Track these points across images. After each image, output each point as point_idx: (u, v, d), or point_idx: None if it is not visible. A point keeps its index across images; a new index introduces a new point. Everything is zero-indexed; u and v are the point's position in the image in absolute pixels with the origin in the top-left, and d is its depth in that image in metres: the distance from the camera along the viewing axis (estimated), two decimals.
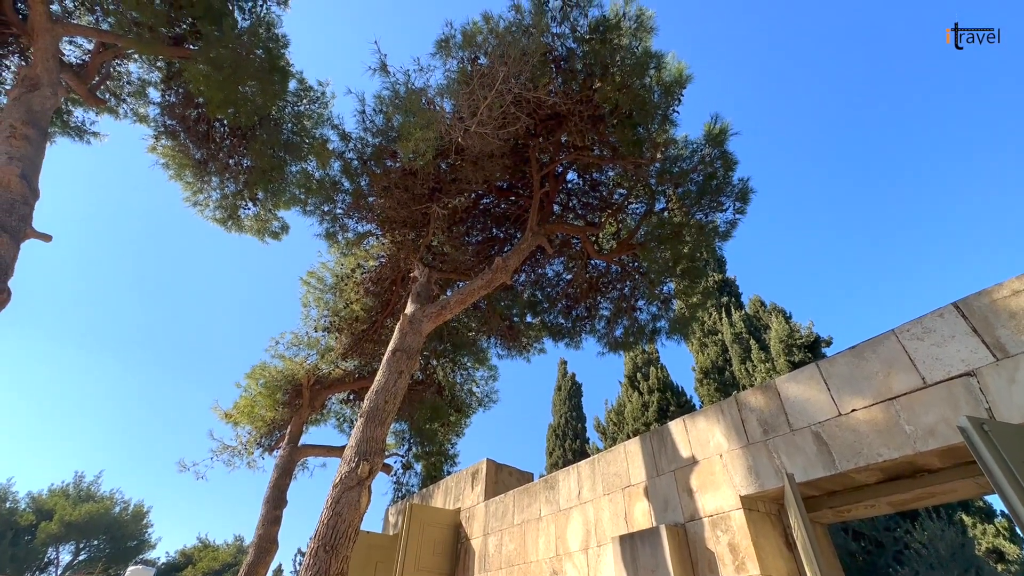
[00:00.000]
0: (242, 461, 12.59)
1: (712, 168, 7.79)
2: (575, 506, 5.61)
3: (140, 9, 8.04)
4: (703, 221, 8.38)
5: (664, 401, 14.41)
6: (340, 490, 4.88)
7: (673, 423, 5.01)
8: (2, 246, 5.38)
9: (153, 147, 10.35)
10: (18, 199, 5.80)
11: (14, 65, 9.58)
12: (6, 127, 6.38)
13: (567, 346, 11.07)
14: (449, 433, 14.30)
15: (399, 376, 5.86)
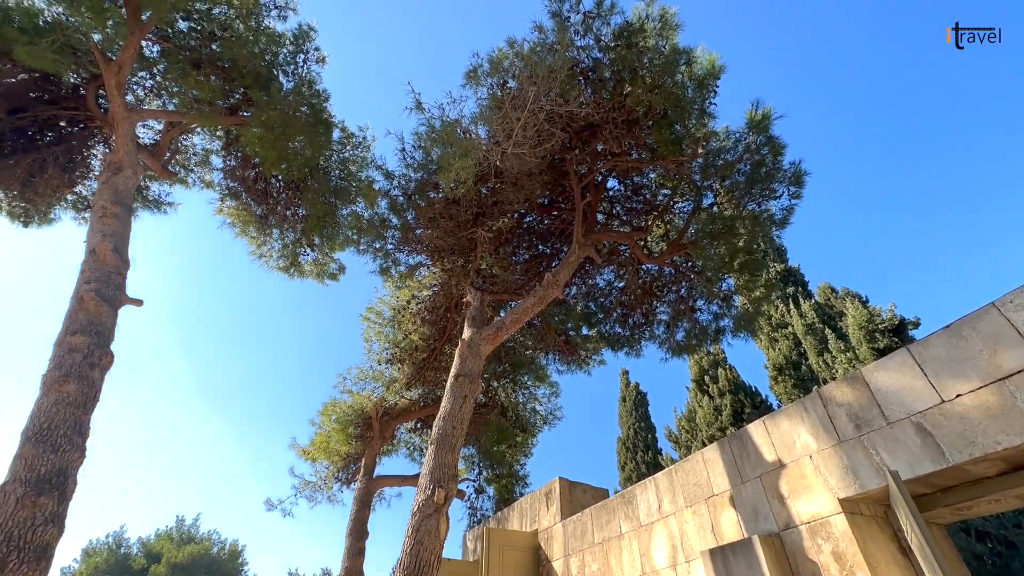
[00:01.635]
0: (323, 496, 13.11)
1: (759, 155, 7.48)
2: (656, 521, 5.39)
3: (199, 87, 8.86)
4: (756, 211, 8.02)
5: (737, 403, 13.66)
6: (419, 519, 4.95)
7: (752, 426, 4.73)
8: (103, 314, 5.99)
9: (220, 209, 11.27)
10: (113, 271, 6.46)
11: (100, 153, 10.77)
12: (98, 208, 7.16)
13: (627, 355, 10.82)
14: (517, 454, 14.24)
15: (464, 401, 5.93)
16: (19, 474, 4.52)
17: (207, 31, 9.02)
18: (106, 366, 5.72)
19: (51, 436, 4.78)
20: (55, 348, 5.53)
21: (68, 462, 4.80)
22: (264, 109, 8.74)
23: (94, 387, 5.42)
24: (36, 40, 7.35)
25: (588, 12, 5.80)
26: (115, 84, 8.03)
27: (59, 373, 5.22)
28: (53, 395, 5.07)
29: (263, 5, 9.06)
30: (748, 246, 8.24)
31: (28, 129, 9.44)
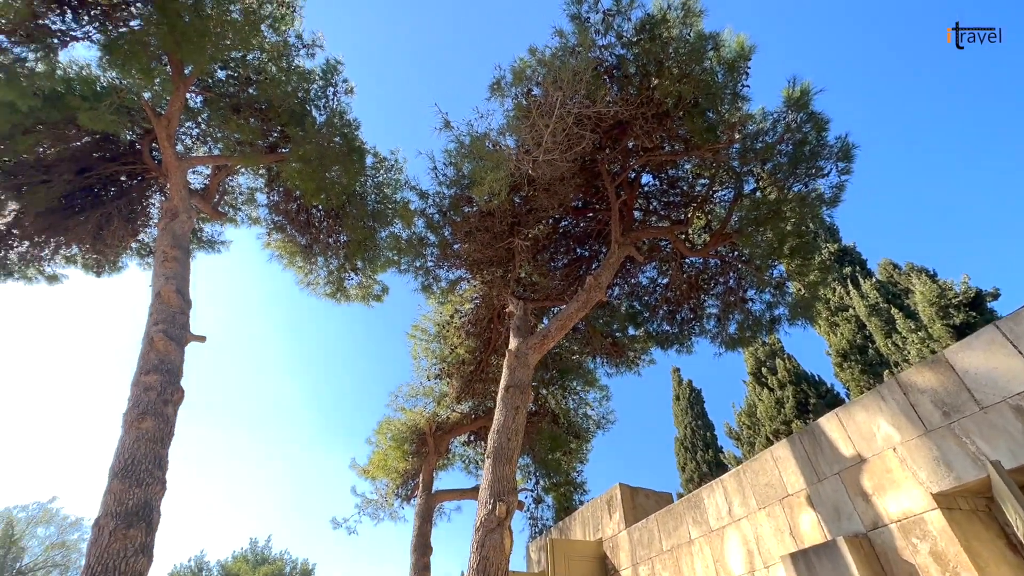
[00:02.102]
0: (385, 513, 13.36)
1: (801, 134, 7.13)
2: (728, 524, 5.15)
3: (240, 130, 9.34)
4: (803, 192, 7.63)
5: (800, 394, 12.95)
6: (482, 533, 4.94)
7: (824, 419, 4.45)
8: (172, 352, 6.37)
9: (268, 243, 11.81)
10: (177, 311, 6.86)
11: (157, 201, 11.52)
12: (160, 253, 7.65)
13: (678, 352, 10.50)
14: (572, 461, 14.05)
15: (516, 412, 5.90)
16: (110, 508, 4.84)
17: (243, 77, 9.50)
18: (178, 401, 6.06)
19: (135, 471, 5.09)
20: (132, 388, 5.91)
21: (151, 495, 5.10)
22: (300, 144, 9.11)
23: (169, 422, 5.75)
24: (95, 105, 7.96)
25: (608, 10, 5.73)
26: (166, 136, 8.58)
27: (137, 411, 5.57)
28: (133, 432, 5.41)
29: (292, 46, 9.46)
30: (797, 229, 7.85)
31: (94, 187, 10.20)
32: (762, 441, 13.52)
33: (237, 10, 8.30)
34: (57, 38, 7.67)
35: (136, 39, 7.60)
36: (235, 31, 8.15)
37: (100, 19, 7.90)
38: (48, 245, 10.40)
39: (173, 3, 7.23)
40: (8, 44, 7.04)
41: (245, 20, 8.35)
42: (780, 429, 12.95)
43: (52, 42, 7.72)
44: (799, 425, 12.50)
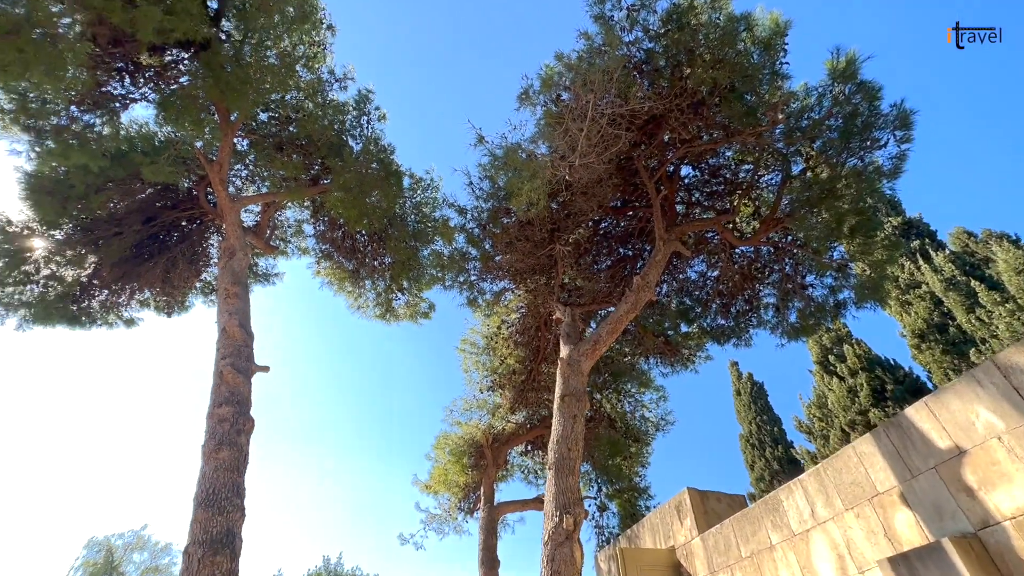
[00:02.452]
0: (450, 527, 13.49)
1: (851, 105, 6.71)
2: (812, 528, 4.83)
3: (284, 167, 9.79)
4: (859, 166, 7.17)
5: (875, 381, 12.07)
6: (551, 547, 4.86)
7: (912, 409, 4.10)
8: (240, 384, 6.70)
9: (317, 271, 12.29)
10: (242, 344, 7.22)
11: (215, 241, 12.23)
12: (222, 290, 8.09)
13: (735, 346, 10.07)
14: (634, 465, 13.70)
15: (574, 421, 5.81)
16: (196, 536, 5.11)
17: (283, 116, 9.98)
18: (249, 431, 6.35)
19: (216, 500, 5.36)
20: (207, 420, 6.25)
21: (233, 522, 5.34)
22: (340, 173, 9.45)
23: (243, 451, 6.03)
24: (156, 159, 8.56)
25: (631, 6, 5.63)
26: (219, 180, 9.10)
27: (214, 442, 5.87)
28: (212, 463, 5.71)
29: (325, 81, 9.85)
30: (856, 206, 7.37)
31: (159, 234, 10.95)
32: (836, 434, 12.68)
33: (273, 55, 8.75)
34: (118, 102, 8.34)
35: (186, 94, 8.14)
36: (273, 75, 8.58)
37: (154, 80, 8.53)
38: (124, 292, 11.22)
39: (216, 57, 7.71)
40: (78, 113, 7.71)
41: (281, 63, 8.78)
42: (856, 420, 12.11)
43: (114, 106, 8.40)
44: (877, 414, 11.65)
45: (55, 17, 6.21)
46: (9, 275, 9.46)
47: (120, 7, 6.06)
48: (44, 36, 5.94)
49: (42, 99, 6.92)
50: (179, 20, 6.63)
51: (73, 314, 10.52)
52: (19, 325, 9.86)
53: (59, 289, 10.12)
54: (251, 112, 9.41)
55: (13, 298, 9.65)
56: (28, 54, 5.64)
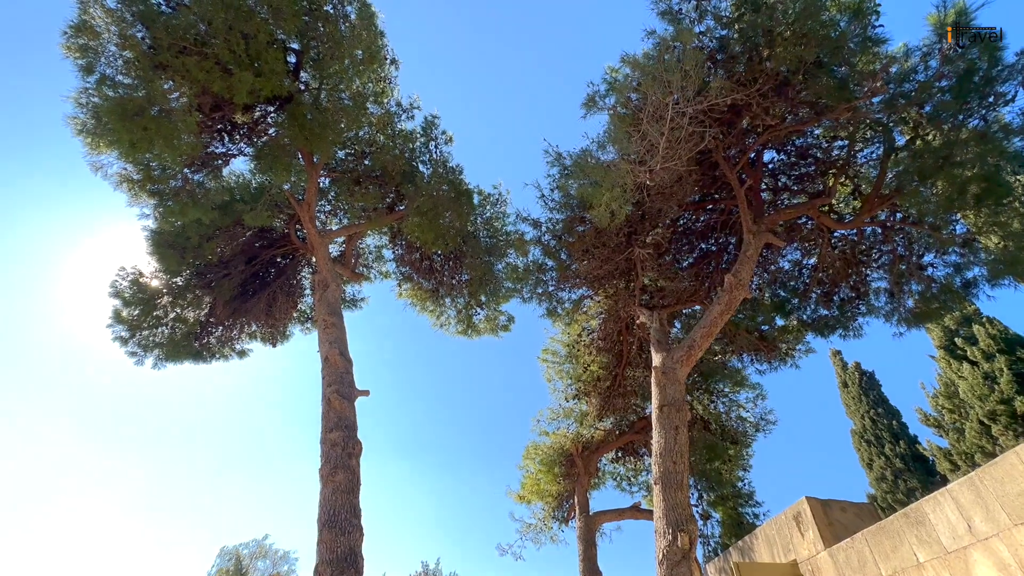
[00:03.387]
0: (546, 536, 13.47)
1: (965, 61, 5.94)
2: (970, 545, 4.26)
3: (363, 199, 10.36)
4: (981, 127, 6.31)
5: (1018, 364, 10.48)
6: (667, 567, 4.69)
7: None
8: (346, 409, 7.14)
9: (399, 293, 12.85)
10: (343, 371, 7.70)
11: (307, 273, 13.16)
12: (320, 321, 8.68)
13: (842, 337, 9.24)
14: (733, 469, 12.95)
15: (676, 432, 5.58)
16: (324, 556, 5.48)
17: (358, 151, 10.58)
18: (358, 453, 6.73)
19: (338, 521, 5.73)
20: (321, 445, 6.71)
21: (354, 541, 5.68)
22: (414, 199, 9.84)
23: (355, 473, 6.41)
24: (254, 206, 9.38)
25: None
26: (308, 218, 9.80)
27: (329, 466, 6.29)
28: (330, 486, 6.11)
29: (394, 113, 10.32)
30: (983, 171, 6.49)
31: (259, 272, 11.97)
32: (974, 426, 11.16)
33: (346, 96, 9.30)
34: (220, 159, 9.27)
35: (275, 144, 8.87)
36: (347, 115, 9.11)
37: (247, 135, 9.38)
38: (236, 327, 12.36)
39: (299, 108, 8.34)
40: (190, 174, 8.67)
41: (354, 103, 9.31)
42: (997, 410, 10.58)
43: (217, 163, 9.35)
44: (1023, 403, 10.13)
45: (168, 93, 7.06)
46: (144, 320, 10.72)
47: (220, 77, 6.75)
48: (160, 112, 6.76)
49: (161, 167, 7.87)
50: (267, 80, 7.25)
51: (196, 350, 11.73)
52: (155, 364, 11.13)
53: (184, 329, 11.33)
54: (331, 152, 10.08)
55: (148, 340, 10.91)
56: (151, 131, 6.44)
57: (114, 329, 10.65)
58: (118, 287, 10.36)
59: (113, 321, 10.56)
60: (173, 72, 6.82)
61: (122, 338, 10.59)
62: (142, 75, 6.67)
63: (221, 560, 23.73)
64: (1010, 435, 10.20)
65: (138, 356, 10.87)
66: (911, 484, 14.30)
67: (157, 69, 6.74)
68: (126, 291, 10.29)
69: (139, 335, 10.80)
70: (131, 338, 10.70)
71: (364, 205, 10.80)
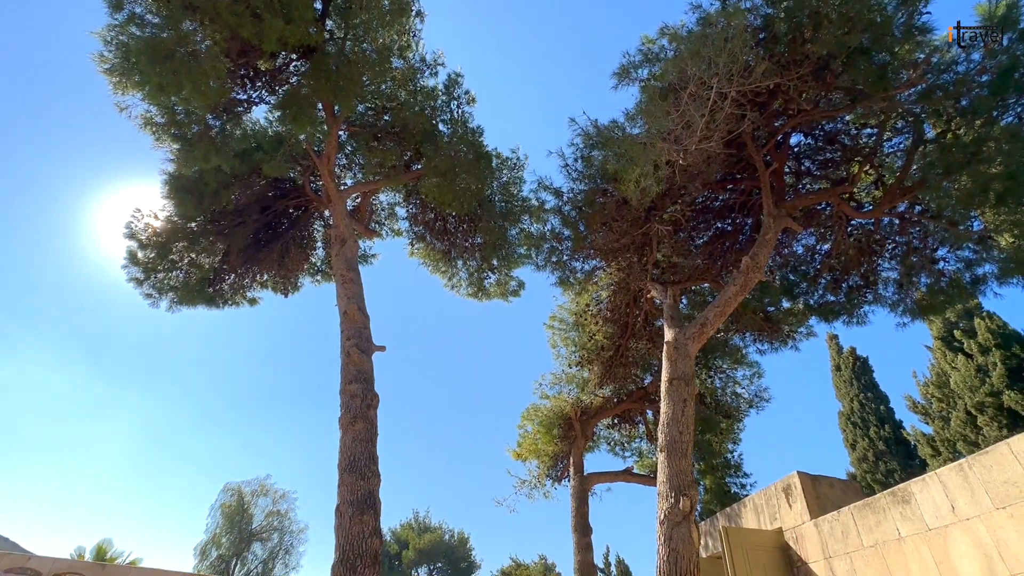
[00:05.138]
0: (539, 492, 14.15)
1: (1009, 56, 5.86)
2: (951, 524, 4.60)
3: (381, 155, 10.31)
4: (1015, 124, 6.30)
5: (1012, 360, 10.78)
6: (668, 527, 5.04)
7: None
8: (365, 363, 7.40)
9: (411, 252, 12.94)
10: (362, 326, 7.91)
11: (319, 226, 13.18)
12: (338, 276, 8.83)
13: (845, 324, 9.46)
14: (724, 441, 13.51)
15: (684, 404, 5.86)
16: (345, 498, 5.85)
17: (379, 107, 10.42)
18: (376, 405, 7.04)
19: (358, 467, 6.07)
20: (341, 396, 7.01)
21: (372, 486, 6.04)
22: (432, 158, 9.77)
23: (373, 424, 6.73)
24: (273, 156, 9.34)
25: None
26: (327, 172, 9.77)
27: (349, 416, 6.60)
28: (350, 434, 6.43)
29: (417, 69, 10.11)
30: (1009, 170, 6.51)
31: (272, 222, 11.98)
32: (960, 415, 11.59)
33: (371, 48, 9.09)
34: (242, 107, 9.15)
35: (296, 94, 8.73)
36: (371, 68, 8.93)
37: (269, 84, 9.23)
38: (248, 275, 12.49)
39: (324, 58, 8.18)
40: (212, 120, 8.58)
41: (378, 56, 9.11)
42: (985, 402, 10.98)
43: (238, 111, 9.23)
44: (1013, 396, 10.49)
45: (194, 36, 6.91)
46: (159, 263, 10.84)
47: (250, 22, 6.60)
48: (188, 55, 6.65)
49: (186, 111, 7.79)
50: (295, 28, 7.10)
51: (210, 295, 11.91)
52: (169, 306, 11.32)
53: (198, 274, 11.47)
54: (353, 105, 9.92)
55: (163, 283, 11.06)
56: (181, 74, 6.36)
57: (129, 270, 10.78)
58: (133, 228, 10.43)
59: (128, 262, 10.68)
60: (203, 14, 6.67)
61: (137, 279, 10.74)
62: (171, 15, 6.52)
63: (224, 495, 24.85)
64: (994, 426, 10.63)
65: (153, 298, 11.05)
66: (891, 466, 14.94)
67: (187, 10, 6.58)
68: (141, 233, 10.37)
69: (154, 278, 10.94)
70: (146, 280, 10.84)
71: (381, 161, 10.71)
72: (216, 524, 24.28)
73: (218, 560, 23.80)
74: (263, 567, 25.15)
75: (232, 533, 24.23)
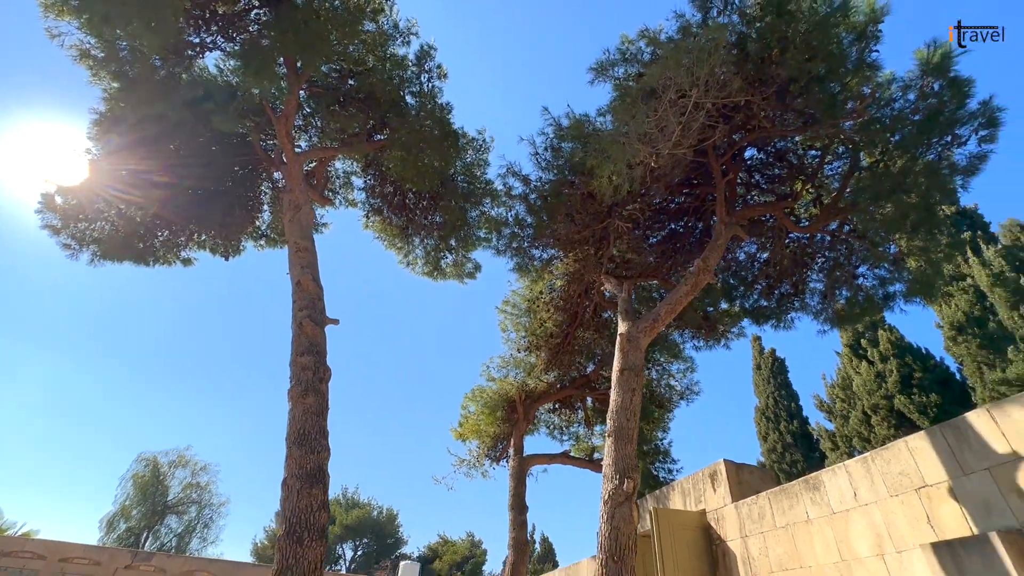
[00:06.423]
0: (477, 472, 14.45)
1: (937, 100, 6.57)
2: (853, 508, 5.27)
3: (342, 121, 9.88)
4: (934, 162, 7.09)
5: (905, 368, 12.30)
6: (611, 506, 5.39)
7: (972, 415, 4.39)
8: (318, 335, 7.19)
9: (366, 224, 12.57)
10: (315, 297, 7.66)
11: (268, 187, 12.46)
12: (292, 244, 8.45)
13: (774, 328, 10.30)
14: (655, 429, 14.38)
15: (633, 393, 6.22)
16: (293, 471, 5.73)
17: (345, 69, 9.95)
18: (328, 378, 6.88)
19: (307, 440, 5.95)
20: (292, 367, 6.78)
21: (322, 460, 5.96)
22: (398, 130, 9.50)
23: (324, 397, 6.59)
24: (226, 108, 8.72)
25: None
26: (284, 133, 9.25)
27: (300, 388, 6.42)
28: (300, 407, 6.27)
29: (388, 35, 9.73)
30: (924, 202, 7.34)
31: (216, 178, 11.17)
32: (857, 415, 13.08)
33: (342, 7, 8.65)
34: (194, 50, 8.43)
35: (256, 44, 8.17)
36: (340, 26, 8.51)
37: (226, 29, 8.55)
38: (184, 232, 11.64)
39: (292, 10, 7.70)
40: (159, 62, 7.84)
41: (350, 16, 8.69)
42: (879, 404, 12.46)
43: (189, 54, 8.50)
44: (903, 401, 11.98)
45: None
46: (82, 211, 9.88)
47: None
48: None
49: (130, 48, 7.06)
50: None
51: (140, 251, 11.03)
52: (91, 260, 10.38)
53: (127, 227, 10.57)
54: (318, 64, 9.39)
55: (85, 234, 10.11)
56: (131, 5, 5.75)
57: (44, 216, 9.76)
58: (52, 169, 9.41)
59: (43, 207, 9.66)
60: None
61: (53, 227, 9.75)
62: None
63: (137, 465, 23.24)
64: (885, 426, 12.12)
65: (72, 250, 10.08)
66: (795, 457, 16.59)
67: None
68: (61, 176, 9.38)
69: (74, 227, 9.97)
70: (64, 228, 9.87)
71: (342, 128, 10.26)
72: (126, 495, 22.72)
73: (127, 533, 22.34)
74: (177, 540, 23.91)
75: (144, 505, 22.79)
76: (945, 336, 11.99)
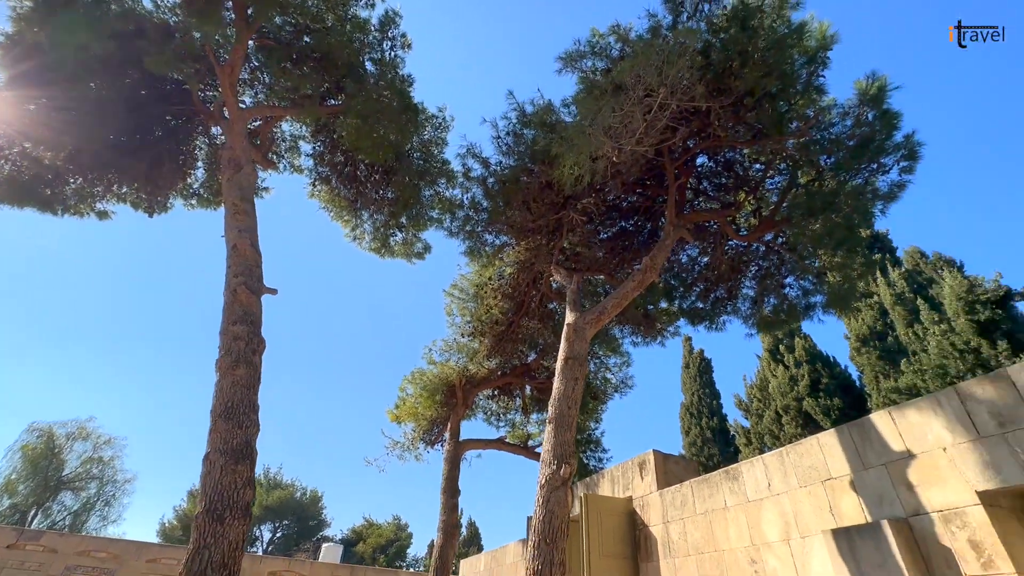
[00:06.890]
0: (411, 455, 14.30)
1: (870, 129, 7.16)
2: (766, 497, 5.71)
3: (293, 79, 9.28)
4: (860, 186, 7.74)
5: (815, 374, 13.49)
6: (548, 490, 5.50)
7: (875, 416, 4.88)
8: (253, 304, 6.75)
9: (311, 193, 11.95)
10: (253, 264, 7.19)
11: (204, 143, 11.53)
12: (230, 205, 7.86)
13: (707, 329, 10.87)
14: (588, 419, 14.85)
15: (575, 383, 6.36)
16: (217, 446, 5.38)
17: (301, 25, 9.34)
18: (262, 350, 6.51)
19: (235, 414, 5.61)
20: (222, 337, 6.34)
21: (250, 435, 5.63)
22: (354, 97, 9.06)
23: (257, 370, 6.22)
24: (163, 49, 7.93)
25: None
26: (229, 85, 8.58)
27: (230, 359, 6.02)
28: (228, 379, 5.89)
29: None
30: (848, 222, 8.01)
31: (144, 126, 10.19)
32: (771, 414, 14.22)
33: None
34: None
35: None
36: None
37: None
38: (101, 182, 10.55)
39: None
40: None
41: None
42: (790, 405, 13.60)
43: None
44: (810, 403, 13.14)
45: None
46: None
47: None
48: None
49: None
50: None
51: (46, 197, 9.93)
52: None
53: (33, 170, 9.47)
54: (271, 13, 8.73)
55: None
56: None
57: None
58: None
59: None
60: None
61: None
62: None
63: (28, 436, 20.91)
64: (793, 425, 13.27)
65: None
66: (712, 451, 17.77)
67: None
68: None
69: None
70: None
71: (294, 87, 9.64)
72: (13, 468, 20.41)
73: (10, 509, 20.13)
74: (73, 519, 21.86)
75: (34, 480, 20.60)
76: (851, 347, 13.25)
